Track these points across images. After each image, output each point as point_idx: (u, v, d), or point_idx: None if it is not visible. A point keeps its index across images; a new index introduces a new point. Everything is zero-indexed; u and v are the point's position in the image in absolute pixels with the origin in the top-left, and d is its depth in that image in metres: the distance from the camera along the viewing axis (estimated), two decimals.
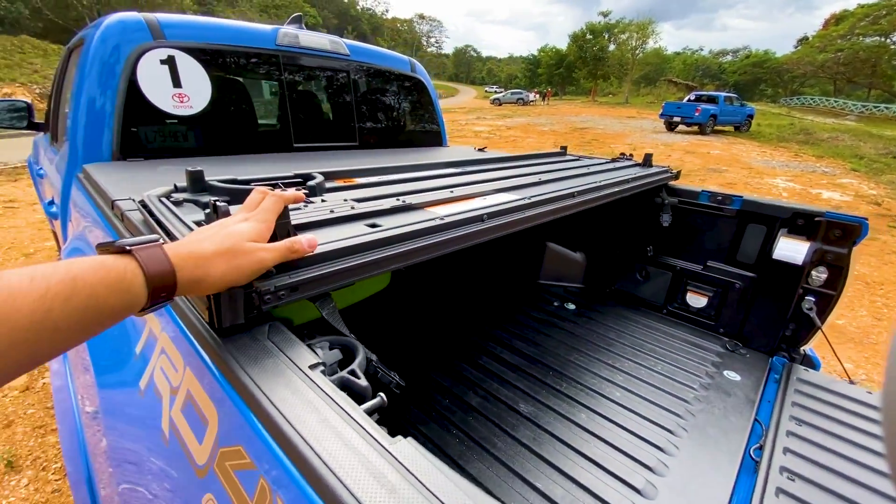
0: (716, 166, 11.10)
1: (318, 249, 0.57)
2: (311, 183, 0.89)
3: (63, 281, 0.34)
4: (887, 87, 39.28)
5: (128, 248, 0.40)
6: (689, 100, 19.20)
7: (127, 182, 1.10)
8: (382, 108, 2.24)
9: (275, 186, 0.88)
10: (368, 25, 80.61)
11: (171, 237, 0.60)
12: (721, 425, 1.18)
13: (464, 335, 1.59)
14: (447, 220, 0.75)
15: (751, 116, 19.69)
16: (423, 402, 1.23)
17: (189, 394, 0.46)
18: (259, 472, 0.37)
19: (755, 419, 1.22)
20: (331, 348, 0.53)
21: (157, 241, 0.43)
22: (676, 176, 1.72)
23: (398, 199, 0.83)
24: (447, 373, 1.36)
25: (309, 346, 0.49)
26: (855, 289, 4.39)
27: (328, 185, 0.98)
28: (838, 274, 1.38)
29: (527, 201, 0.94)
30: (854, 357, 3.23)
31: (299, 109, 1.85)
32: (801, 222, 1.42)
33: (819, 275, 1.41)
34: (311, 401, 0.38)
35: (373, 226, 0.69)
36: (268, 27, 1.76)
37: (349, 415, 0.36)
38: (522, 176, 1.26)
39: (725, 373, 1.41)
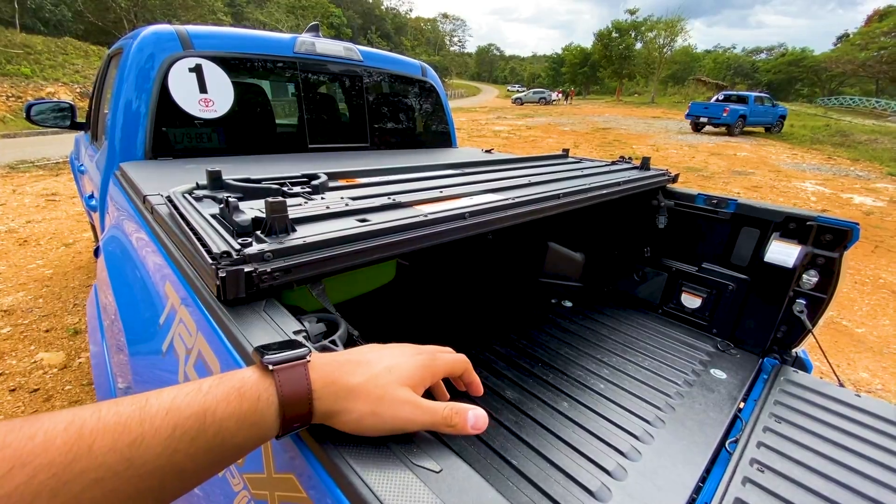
0: (742, 168, 10.81)
1: (312, 239, 0.67)
2: (314, 182, 0.99)
3: (194, 415, 0.32)
4: None
5: (271, 367, 0.37)
6: (717, 99, 18.69)
7: (157, 179, 1.23)
8: (393, 110, 2.35)
9: (282, 185, 0.99)
10: (392, 25, 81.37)
11: (192, 230, 0.72)
12: (699, 419, 1.23)
13: (461, 326, 1.68)
14: (430, 217, 0.84)
15: (783, 117, 19.03)
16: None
17: (199, 353, 0.56)
18: None
19: (737, 416, 1.27)
20: (318, 322, 0.63)
21: (305, 358, 0.39)
22: (674, 179, 1.76)
23: (389, 198, 0.93)
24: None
25: (298, 319, 0.59)
26: (880, 296, 4.26)
27: (332, 184, 1.08)
28: (829, 278, 1.40)
29: (510, 202, 1.02)
30: (871, 366, 3.16)
31: (314, 112, 1.97)
32: (793, 226, 1.45)
33: (810, 278, 1.43)
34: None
35: (362, 220, 0.79)
36: (286, 36, 1.89)
37: None
38: (516, 178, 1.34)
39: (712, 371, 1.45)
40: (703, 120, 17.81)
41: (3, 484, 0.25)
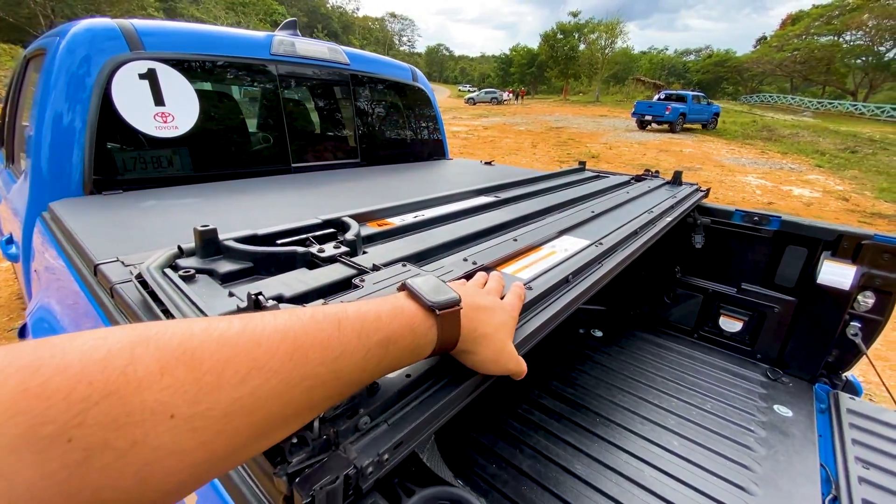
0: (690, 165, 11.37)
1: (412, 370, 0.42)
2: (349, 236, 0.73)
3: (379, 343, 0.36)
4: (840, 84, 41.54)
5: (437, 311, 0.41)
6: (658, 98, 19.66)
7: (108, 230, 0.91)
8: (384, 121, 2.07)
9: (306, 244, 0.72)
10: (339, 24, 79.16)
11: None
12: (790, 475, 1.09)
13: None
14: (535, 288, 0.61)
15: (717, 114, 20.36)
16: (464, 466, 1.08)
17: None
18: None
19: (820, 463, 1.14)
20: None
21: (459, 303, 0.43)
22: (706, 194, 1.63)
23: (465, 259, 0.69)
24: (486, 427, 1.21)
25: None
26: None
27: (363, 230, 0.82)
28: (887, 299, 1.31)
29: (601, 247, 0.80)
30: (861, 367, 3.28)
31: (297, 125, 1.66)
32: (846, 244, 1.35)
33: (866, 300, 1.34)
34: None
35: None
36: (261, 34, 1.56)
37: None
38: (568, 206, 1.13)
39: (776, 408, 1.33)
40: (647, 118, 18.65)
41: (245, 384, 0.28)
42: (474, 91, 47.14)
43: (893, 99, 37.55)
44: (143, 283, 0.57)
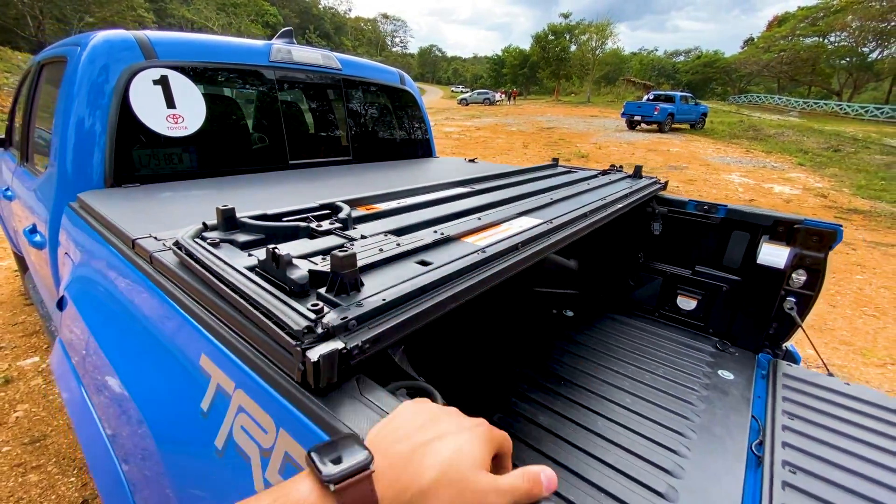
0: (676, 163, 11.64)
1: (388, 294, 0.58)
2: (341, 216, 0.89)
3: None
4: (825, 85, 42.33)
5: (333, 487, 0.32)
6: (647, 99, 19.99)
7: (134, 215, 1.06)
8: (374, 121, 2.24)
9: (306, 220, 0.88)
10: (331, 25, 79.12)
11: (223, 281, 0.60)
12: (724, 424, 1.26)
13: (473, 349, 1.62)
14: (488, 251, 0.77)
15: (705, 114, 20.74)
16: None
17: (288, 455, 0.46)
18: None
19: (752, 416, 1.31)
20: (409, 395, 0.55)
21: (368, 468, 0.33)
22: (664, 186, 1.81)
23: (435, 231, 0.85)
24: (465, 389, 1.38)
25: (392, 395, 0.50)
26: None
27: (354, 213, 0.98)
28: (816, 276, 1.50)
29: (549, 226, 0.97)
30: (815, 343, 3.49)
31: (294, 125, 1.82)
32: (781, 229, 1.54)
33: (799, 277, 1.53)
34: None
35: (422, 263, 0.71)
36: (260, 43, 1.72)
37: None
38: (533, 195, 1.30)
39: (720, 372, 1.51)
40: (637, 118, 18.97)
41: None
42: (467, 92, 47.41)
43: (877, 99, 38.39)
44: (187, 252, 0.72)
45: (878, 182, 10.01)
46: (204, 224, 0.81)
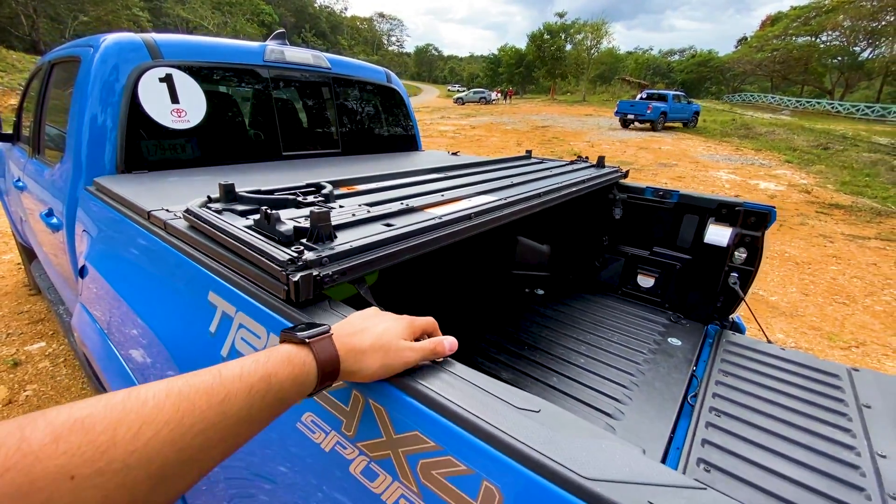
0: (666, 161, 11.84)
1: (355, 244, 0.75)
2: (324, 191, 1.06)
3: (262, 379, 0.42)
4: (818, 84, 42.76)
5: (307, 340, 0.48)
6: (641, 98, 20.23)
7: (146, 194, 1.22)
8: (361, 116, 2.41)
9: (295, 195, 1.04)
10: (327, 24, 79.11)
11: (228, 234, 0.76)
12: (665, 380, 1.44)
13: (452, 320, 1.79)
14: (444, 219, 0.94)
15: (697, 113, 20.97)
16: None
17: None
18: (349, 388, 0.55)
19: (693, 375, 1.49)
20: None
21: (328, 332, 0.50)
22: (625, 175, 1.99)
23: (402, 203, 1.02)
24: None
25: (354, 309, 0.67)
26: (786, 268, 4.93)
27: (336, 192, 1.15)
28: (755, 253, 1.68)
29: (503, 202, 1.14)
30: (785, 328, 3.68)
31: (286, 120, 1.98)
32: (724, 211, 1.72)
33: (740, 254, 1.71)
34: None
35: (388, 225, 0.87)
36: (255, 44, 1.88)
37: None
38: (497, 179, 1.47)
39: (669, 340, 1.68)
40: (630, 117, 19.22)
41: (138, 438, 0.32)
42: (463, 91, 47.58)
43: (868, 98, 38.84)
44: (197, 217, 0.89)
45: (862, 178, 10.25)
46: (209, 197, 0.97)
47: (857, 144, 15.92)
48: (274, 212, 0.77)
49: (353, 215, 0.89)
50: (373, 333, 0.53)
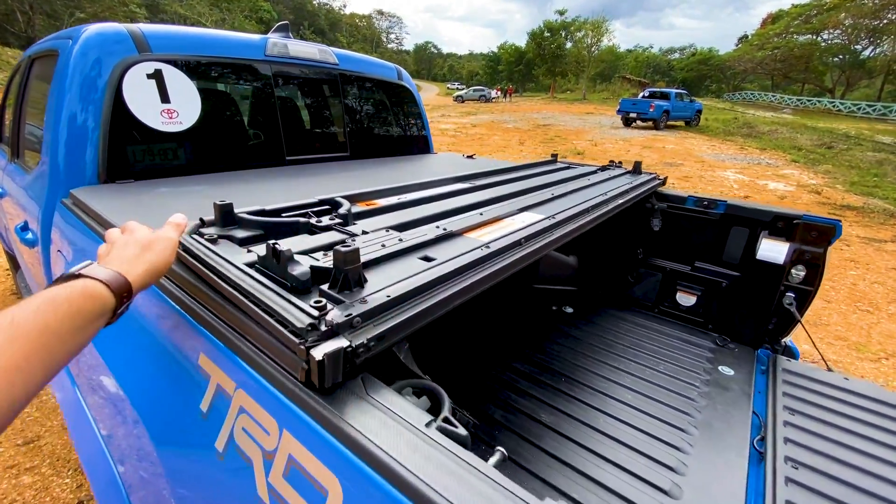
0: (672, 160, 11.67)
1: (392, 291, 0.56)
2: (341, 211, 0.87)
3: (46, 300, 0.46)
4: (819, 82, 42.59)
5: (76, 273, 0.51)
6: (643, 96, 20.02)
7: (128, 211, 1.04)
8: (371, 117, 2.22)
9: (306, 216, 0.86)
10: (326, 21, 78.57)
11: (222, 277, 0.58)
12: (725, 419, 1.26)
13: (472, 345, 1.61)
14: (492, 247, 0.76)
15: (699, 112, 20.79)
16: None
17: (292, 458, 0.44)
18: None
19: (753, 411, 1.31)
20: (415, 394, 0.54)
21: (91, 263, 0.55)
22: (664, 182, 1.81)
23: (437, 227, 0.84)
24: (465, 386, 1.37)
25: (398, 394, 0.49)
26: None
27: (354, 209, 0.96)
28: (815, 271, 1.50)
29: (552, 221, 0.96)
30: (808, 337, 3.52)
31: (290, 121, 1.79)
32: (780, 224, 1.54)
33: (798, 272, 1.53)
34: (443, 464, 0.38)
35: (426, 259, 0.69)
36: (256, 37, 1.69)
37: (487, 475, 0.37)
38: (532, 191, 1.29)
39: (720, 368, 1.50)
40: (632, 115, 19.00)
41: None
42: (463, 89, 47.29)
43: (869, 96, 38.69)
44: (185, 250, 0.70)
45: (870, 178, 10.10)
46: (201, 220, 0.79)
47: (861, 143, 15.77)
48: (284, 247, 0.58)
49: (383, 246, 0.71)
50: (132, 243, 0.60)
